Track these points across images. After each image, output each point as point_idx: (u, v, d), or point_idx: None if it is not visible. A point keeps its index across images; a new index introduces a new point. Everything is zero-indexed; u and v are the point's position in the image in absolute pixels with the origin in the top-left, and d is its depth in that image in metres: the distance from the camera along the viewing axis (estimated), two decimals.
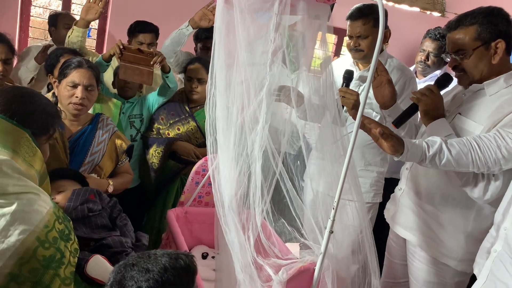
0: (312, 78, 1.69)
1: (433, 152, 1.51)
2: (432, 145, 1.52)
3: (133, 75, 2.36)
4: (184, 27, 2.65)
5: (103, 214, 1.55)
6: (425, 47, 2.93)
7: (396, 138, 1.52)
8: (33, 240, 1.05)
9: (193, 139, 2.56)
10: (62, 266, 1.10)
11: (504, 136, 1.50)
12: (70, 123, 1.93)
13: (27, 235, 1.04)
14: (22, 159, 1.15)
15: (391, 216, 1.99)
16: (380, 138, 1.51)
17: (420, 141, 1.54)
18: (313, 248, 1.72)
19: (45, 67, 2.34)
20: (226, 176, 1.48)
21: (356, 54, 2.22)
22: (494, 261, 1.48)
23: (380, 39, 1.34)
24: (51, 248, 1.08)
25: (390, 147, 1.51)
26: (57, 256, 1.09)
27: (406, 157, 1.52)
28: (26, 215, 1.06)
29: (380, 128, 1.51)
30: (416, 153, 1.51)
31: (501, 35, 1.60)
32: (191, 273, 1.08)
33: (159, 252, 1.07)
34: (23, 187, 1.10)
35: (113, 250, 1.38)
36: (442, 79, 1.79)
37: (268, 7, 1.43)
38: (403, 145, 1.51)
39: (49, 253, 1.08)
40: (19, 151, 1.16)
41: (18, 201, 1.07)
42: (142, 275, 1.00)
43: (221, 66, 1.49)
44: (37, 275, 1.05)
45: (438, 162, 1.52)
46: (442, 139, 1.53)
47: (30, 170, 1.17)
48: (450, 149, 1.51)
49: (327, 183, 1.70)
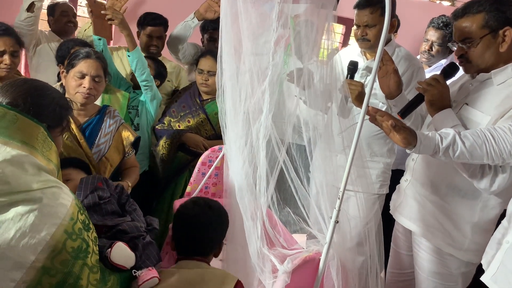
0: (320, 67, 1.68)
1: (446, 144, 1.48)
2: (445, 137, 1.49)
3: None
4: (190, 19, 2.66)
5: (112, 200, 1.57)
6: (429, 37, 2.89)
7: (409, 130, 1.49)
8: (62, 233, 1.08)
9: (202, 131, 2.58)
10: (88, 256, 1.14)
11: None
12: (78, 114, 1.95)
13: (56, 229, 1.07)
14: (41, 154, 1.16)
15: (395, 206, 1.99)
16: (392, 131, 1.48)
17: (433, 133, 1.51)
18: (319, 237, 1.72)
19: (56, 57, 2.37)
20: (234, 166, 1.49)
21: (363, 44, 2.21)
22: (506, 253, 1.46)
23: (386, 29, 1.33)
24: (78, 239, 1.12)
25: (403, 139, 1.48)
26: (83, 246, 1.13)
27: (420, 150, 1.50)
28: (53, 209, 1.09)
29: (392, 121, 1.48)
30: (429, 145, 1.49)
31: (508, 23, 1.57)
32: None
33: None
34: (46, 182, 1.12)
35: (130, 235, 1.40)
36: (448, 69, 1.77)
37: None
38: (416, 137, 1.49)
39: (76, 244, 1.11)
40: (38, 147, 1.17)
41: (44, 196, 1.09)
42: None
43: (228, 56, 1.49)
44: (68, 266, 1.08)
45: (452, 154, 1.49)
46: (456, 131, 1.51)
47: (50, 165, 1.19)
48: (464, 141, 1.48)
49: (333, 173, 1.70)
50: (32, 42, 2.80)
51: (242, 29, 1.43)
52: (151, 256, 1.40)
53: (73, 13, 3.06)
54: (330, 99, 1.66)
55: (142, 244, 1.39)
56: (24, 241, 1.02)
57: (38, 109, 1.21)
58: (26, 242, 1.02)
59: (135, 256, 1.35)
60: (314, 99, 1.68)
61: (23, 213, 1.04)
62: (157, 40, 2.85)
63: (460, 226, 1.74)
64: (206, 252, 1.48)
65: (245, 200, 1.49)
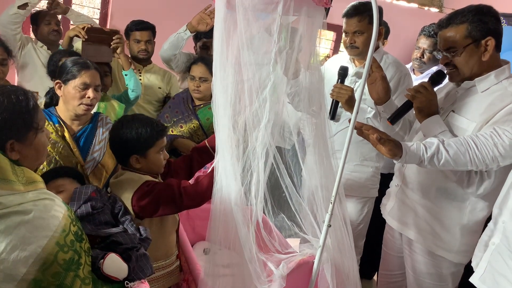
0: (309, 73, 1.72)
1: (431, 153, 1.54)
2: (429, 147, 1.55)
3: (95, 54, 2.43)
4: (182, 31, 2.68)
5: (106, 210, 1.57)
6: (421, 44, 2.96)
7: (393, 142, 1.55)
8: (54, 245, 1.07)
9: (195, 137, 2.60)
10: (80, 267, 1.13)
11: (500, 133, 1.53)
12: (72, 123, 1.95)
13: (48, 241, 1.06)
14: (19, 183, 1.11)
15: (387, 211, 2.03)
16: (378, 143, 1.55)
17: (418, 144, 1.57)
18: (312, 241, 1.76)
19: (48, 73, 2.36)
20: (230, 173, 1.51)
21: (352, 51, 2.26)
22: (492, 254, 1.51)
23: (375, 36, 1.37)
24: (69, 251, 1.11)
25: (389, 151, 1.54)
26: (75, 258, 1.12)
27: (406, 160, 1.56)
28: (44, 221, 1.08)
29: (377, 134, 1.54)
30: (414, 155, 1.55)
31: (490, 33, 1.63)
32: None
33: None
34: (38, 194, 1.12)
35: (124, 246, 1.40)
36: (436, 76, 1.83)
37: (272, 9, 1.45)
38: (402, 148, 1.54)
39: (68, 256, 1.10)
40: (12, 179, 1.11)
41: (36, 208, 1.08)
42: None
43: (223, 65, 1.50)
44: (60, 278, 1.07)
45: (437, 163, 1.55)
46: (439, 140, 1.57)
47: (35, 184, 1.16)
48: (448, 149, 1.54)
49: (324, 178, 1.74)
50: (17, 45, 2.77)
51: (241, 39, 1.44)
52: (144, 268, 1.39)
53: (56, 21, 2.99)
54: (319, 103, 1.70)
55: (136, 256, 1.38)
56: (15, 253, 1.01)
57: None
58: (16, 254, 1.02)
59: (128, 267, 1.34)
60: (302, 103, 1.72)
61: (14, 226, 1.03)
62: (146, 44, 2.88)
63: (450, 229, 1.79)
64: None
65: (240, 207, 1.51)
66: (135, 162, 1.69)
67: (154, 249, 1.65)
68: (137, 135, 1.66)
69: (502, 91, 1.63)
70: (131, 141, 1.66)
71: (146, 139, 1.67)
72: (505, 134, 1.53)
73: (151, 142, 1.68)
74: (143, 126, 1.67)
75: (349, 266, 1.76)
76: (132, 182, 1.66)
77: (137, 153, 1.68)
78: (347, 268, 1.75)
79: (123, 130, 1.68)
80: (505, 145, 1.52)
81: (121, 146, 1.70)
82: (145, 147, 1.67)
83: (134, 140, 1.66)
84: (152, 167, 1.72)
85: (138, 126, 1.67)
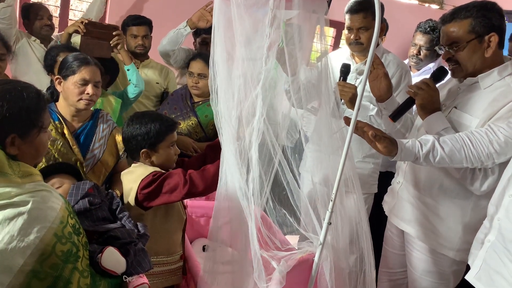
0: (309, 70, 1.71)
1: (426, 151, 1.54)
2: (425, 144, 1.55)
3: (93, 49, 2.43)
4: (182, 27, 2.67)
5: (103, 206, 1.57)
6: (417, 41, 2.93)
7: (389, 139, 1.55)
8: (51, 236, 1.07)
9: (193, 133, 2.58)
10: (78, 260, 1.13)
11: (495, 130, 1.53)
12: (72, 119, 1.94)
13: (45, 232, 1.06)
14: (16, 176, 1.11)
15: (390, 209, 2.02)
16: (374, 140, 1.55)
17: (413, 141, 1.57)
18: (312, 239, 1.74)
19: (44, 67, 2.35)
20: (231, 169, 1.50)
21: (356, 47, 2.24)
22: (487, 251, 1.51)
23: (376, 33, 1.36)
24: (67, 243, 1.11)
25: (384, 148, 1.54)
26: (73, 250, 1.12)
27: (401, 157, 1.56)
28: (42, 212, 1.08)
29: (372, 131, 1.54)
30: (409, 152, 1.55)
31: (494, 29, 1.62)
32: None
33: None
34: (35, 185, 1.12)
35: (122, 241, 1.40)
36: (438, 73, 1.82)
37: (264, 2, 1.45)
38: (397, 145, 1.54)
39: (66, 248, 1.10)
40: (8, 171, 1.11)
41: (33, 199, 1.08)
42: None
43: (221, 61, 1.50)
44: (58, 270, 1.07)
45: (432, 160, 1.55)
46: (434, 137, 1.57)
47: (32, 177, 1.16)
48: (443, 146, 1.54)
49: (325, 175, 1.73)
50: (12, 39, 2.73)
51: (236, 34, 1.45)
52: (143, 263, 1.39)
53: (48, 14, 2.94)
54: (319, 100, 1.69)
55: (134, 250, 1.38)
56: (13, 244, 1.02)
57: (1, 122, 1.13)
58: (14, 245, 1.02)
59: (126, 262, 1.34)
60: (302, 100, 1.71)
61: (11, 217, 1.03)
62: (143, 39, 2.87)
63: (452, 227, 1.78)
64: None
65: (240, 203, 1.51)
66: (146, 157, 1.73)
67: (156, 243, 1.66)
68: (147, 130, 1.71)
69: (505, 87, 1.62)
70: (141, 135, 1.71)
71: (156, 133, 1.71)
72: (500, 131, 1.52)
73: (161, 136, 1.72)
74: (153, 121, 1.72)
75: (349, 264, 1.75)
76: (141, 173, 1.70)
77: (148, 147, 1.72)
78: (347, 266, 1.74)
79: (133, 126, 1.73)
80: (500, 142, 1.51)
81: (132, 140, 1.74)
82: (155, 142, 1.72)
83: (144, 134, 1.71)
84: (164, 162, 1.76)
85: (148, 121, 1.73)
